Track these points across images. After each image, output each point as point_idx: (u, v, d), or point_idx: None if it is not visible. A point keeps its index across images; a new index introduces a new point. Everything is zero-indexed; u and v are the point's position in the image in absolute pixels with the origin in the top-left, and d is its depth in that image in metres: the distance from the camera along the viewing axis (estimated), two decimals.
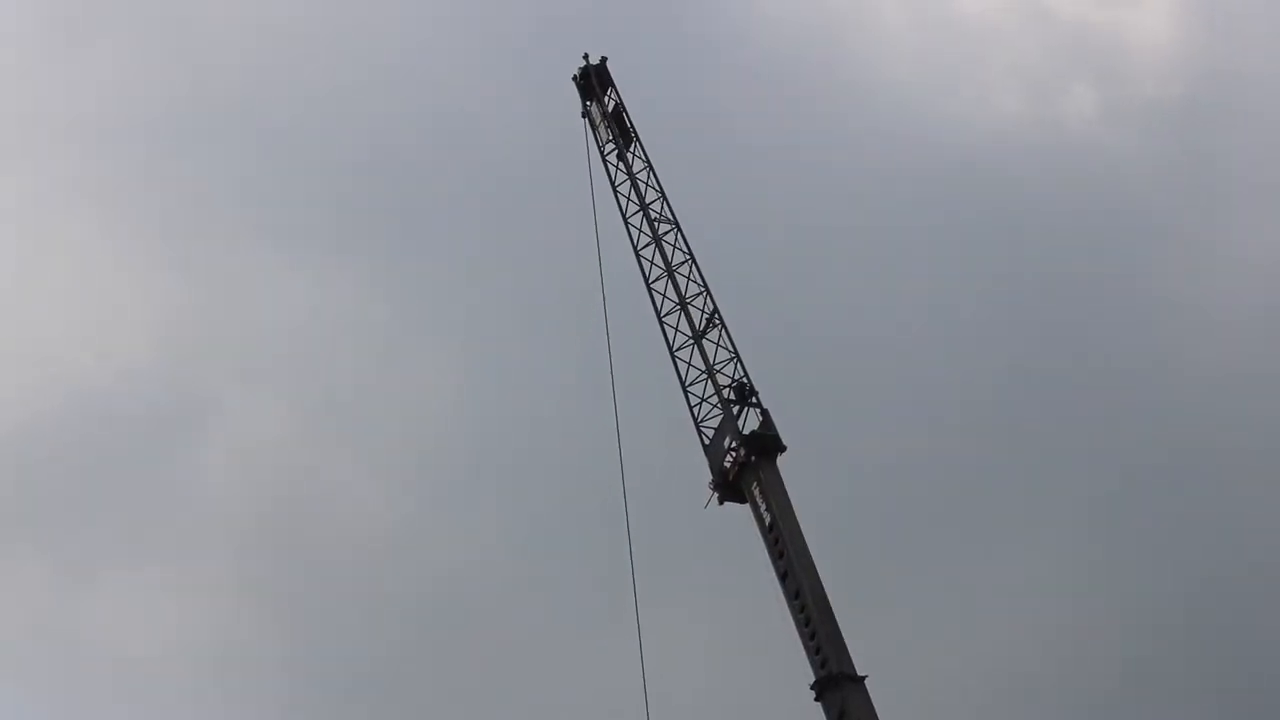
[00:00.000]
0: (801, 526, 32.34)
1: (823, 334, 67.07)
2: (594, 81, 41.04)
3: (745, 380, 35.13)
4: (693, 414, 35.67)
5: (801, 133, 79.96)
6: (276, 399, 78.42)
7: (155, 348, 79.78)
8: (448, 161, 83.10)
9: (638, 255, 38.44)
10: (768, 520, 32.80)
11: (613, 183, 39.79)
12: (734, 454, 34.08)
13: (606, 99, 40.95)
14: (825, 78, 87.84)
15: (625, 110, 40.69)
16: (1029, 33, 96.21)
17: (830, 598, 31.09)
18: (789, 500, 32.84)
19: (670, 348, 36.64)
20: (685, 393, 35.95)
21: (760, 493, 33.15)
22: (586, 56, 41.39)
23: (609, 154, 40.20)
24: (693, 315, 36.67)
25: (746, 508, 33.75)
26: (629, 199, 39.23)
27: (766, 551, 32.67)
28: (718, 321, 36.37)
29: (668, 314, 37.10)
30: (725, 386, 35.11)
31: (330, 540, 71.38)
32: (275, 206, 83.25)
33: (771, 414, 34.37)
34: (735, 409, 34.71)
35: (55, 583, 70.49)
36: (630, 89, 40.97)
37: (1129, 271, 76.09)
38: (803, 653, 30.99)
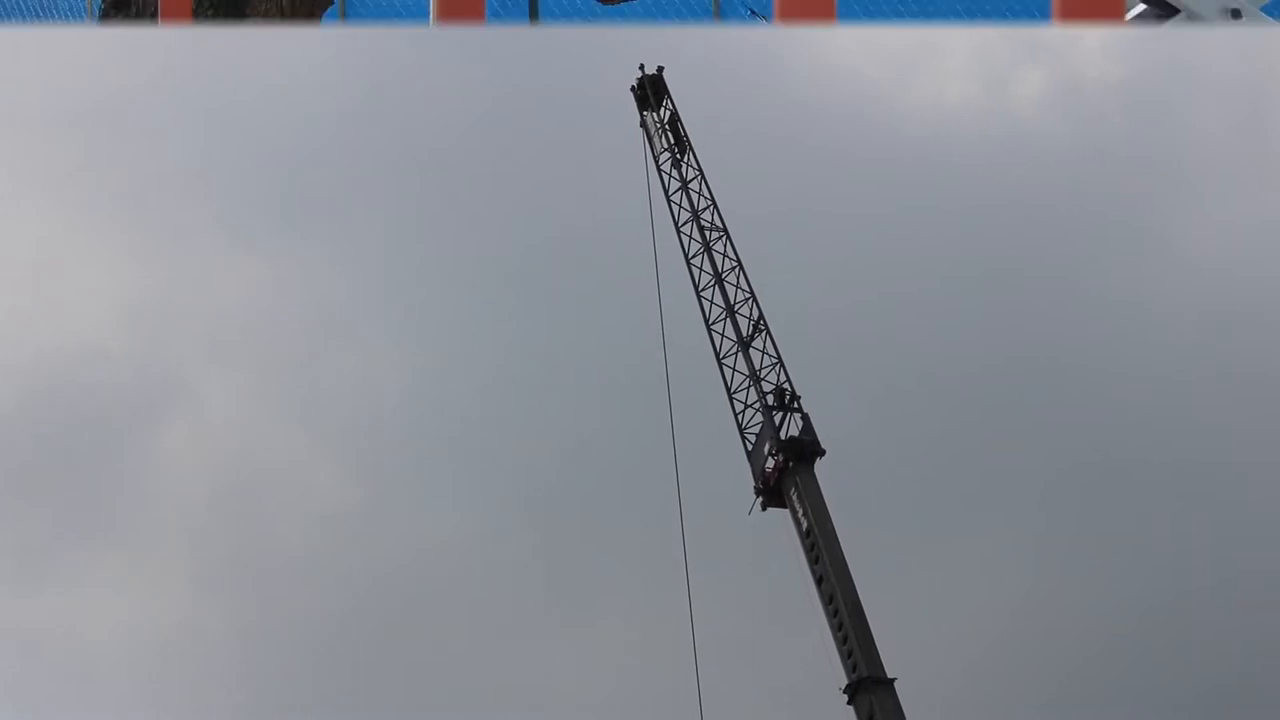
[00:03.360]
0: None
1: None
2: (649, 92, 41.20)
3: (787, 385, 35.17)
4: (737, 421, 35.55)
5: (752, 125, 79.16)
6: (232, 384, 78.98)
7: (107, 333, 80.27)
8: (402, 141, 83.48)
9: (689, 263, 38.36)
10: (805, 525, 32.94)
11: (666, 191, 39.82)
12: (774, 459, 34.22)
13: (663, 108, 41.15)
14: (775, 63, 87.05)
15: (680, 120, 41.05)
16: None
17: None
18: (825, 505, 32.70)
19: (717, 354, 36.52)
20: (730, 400, 35.87)
21: (797, 498, 33.25)
22: (643, 67, 41.45)
23: (663, 162, 40.39)
24: (739, 322, 36.45)
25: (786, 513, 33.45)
26: (681, 207, 39.33)
27: (804, 556, 32.79)
28: (763, 327, 36.50)
29: (714, 321, 37.03)
30: (767, 393, 35.18)
31: (287, 525, 71.96)
32: (226, 187, 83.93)
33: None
34: (777, 415, 34.54)
35: (4, 571, 71.96)
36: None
37: (1080, 264, 74.50)
38: (836, 657, 31.00)
